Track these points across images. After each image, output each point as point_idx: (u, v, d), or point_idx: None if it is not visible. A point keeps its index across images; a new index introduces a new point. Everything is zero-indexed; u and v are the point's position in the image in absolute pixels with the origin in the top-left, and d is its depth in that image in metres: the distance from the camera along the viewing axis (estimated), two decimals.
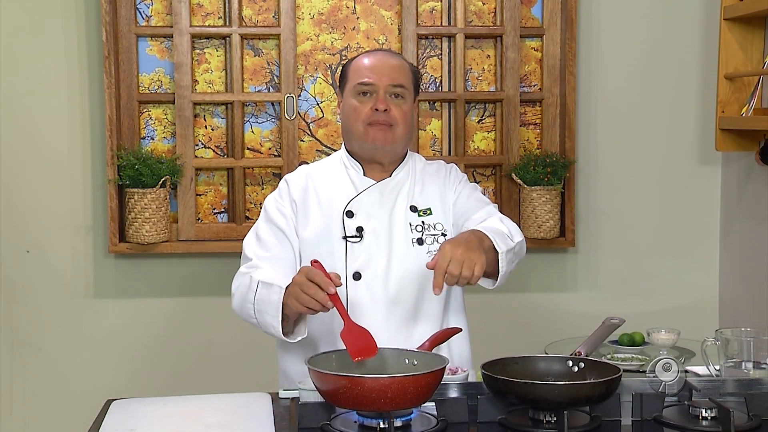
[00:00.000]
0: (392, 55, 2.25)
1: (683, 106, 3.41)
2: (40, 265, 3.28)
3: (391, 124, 2.16)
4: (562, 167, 3.26)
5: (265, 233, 2.21)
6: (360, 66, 2.20)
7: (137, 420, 1.85)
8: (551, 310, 3.42)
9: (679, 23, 3.38)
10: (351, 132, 2.20)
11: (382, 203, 2.20)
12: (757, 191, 3.18)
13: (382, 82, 2.16)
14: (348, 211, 2.19)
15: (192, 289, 3.33)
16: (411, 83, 2.22)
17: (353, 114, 2.18)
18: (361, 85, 2.17)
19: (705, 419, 1.79)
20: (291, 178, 2.27)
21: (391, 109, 2.16)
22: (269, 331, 2.06)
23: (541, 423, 1.77)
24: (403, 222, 2.19)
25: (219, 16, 3.28)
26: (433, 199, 2.24)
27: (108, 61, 3.15)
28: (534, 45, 3.38)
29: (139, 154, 3.17)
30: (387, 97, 2.17)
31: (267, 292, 2.04)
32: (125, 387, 3.20)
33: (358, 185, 2.22)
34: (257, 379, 2.87)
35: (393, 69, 2.19)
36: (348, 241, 2.17)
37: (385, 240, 2.17)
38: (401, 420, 1.76)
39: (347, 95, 2.21)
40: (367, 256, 2.16)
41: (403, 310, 2.16)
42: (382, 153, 2.20)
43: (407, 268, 2.16)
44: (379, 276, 2.16)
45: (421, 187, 2.24)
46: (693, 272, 3.46)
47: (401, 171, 2.25)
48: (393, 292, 2.16)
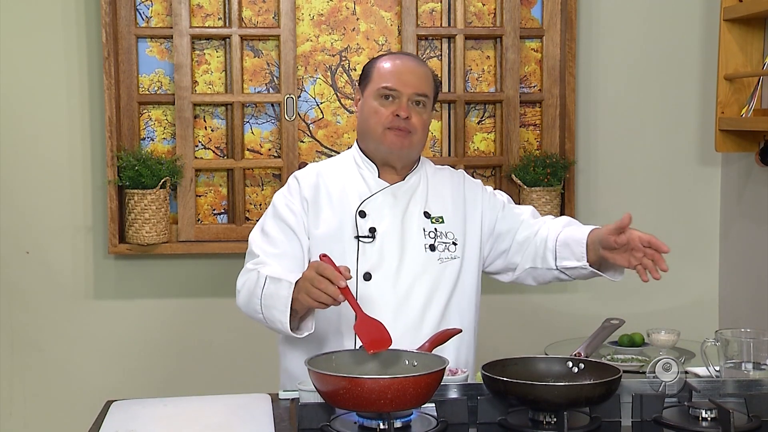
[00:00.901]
0: (417, 63, 2.26)
1: (683, 107, 3.41)
2: (40, 266, 3.28)
3: (410, 131, 2.17)
4: (562, 168, 3.27)
5: (272, 229, 2.20)
6: (385, 70, 2.20)
7: (137, 421, 1.84)
8: (551, 310, 3.42)
9: (679, 24, 3.38)
10: (369, 133, 2.21)
11: (396, 206, 2.21)
12: (757, 192, 3.18)
13: (407, 89, 2.17)
14: (361, 211, 2.19)
15: (192, 290, 3.33)
16: (432, 92, 2.24)
17: (374, 116, 2.19)
18: (385, 89, 2.18)
19: (705, 420, 1.79)
20: (301, 175, 2.26)
21: (411, 117, 2.17)
22: (276, 326, 2.04)
23: (541, 424, 1.77)
24: (417, 226, 2.20)
25: (219, 17, 3.28)
26: (445, 207, 2.26)
27: (108, 62, 3.15)
28: (534, 46, 3.38)
29: (139, 155, 3.17)
30: (409, 104, 2.18)
31: (275, 287, 2.02)
32: (125, 388, 3.20)
33: (372, 186, 2.22)
34: (257, 379, 2.87)
35: (418, 77, 2.20)
36: (360, 241, 2.17)
37: (397, 242, 2.18)
38: (401, 421, 1.76)
39: (368, 96, 2.21)
40: (379, 257, 2.17)
41: (411, 313, 2.16)
42: (396, 157, 2.21)
43: (418, 273, 2.17)
44: (389, 277, 2.16)
45: (434, 193, 2.26)
46: (693, 273, 3.46)
47: (414, 175, 2.26)
48: (402, 294, 2.16)
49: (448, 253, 2.20)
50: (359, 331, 1.90)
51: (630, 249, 2.07)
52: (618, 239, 2.07)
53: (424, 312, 2.17)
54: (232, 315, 3.34)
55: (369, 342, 1.87)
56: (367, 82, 2.23)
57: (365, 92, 2.23)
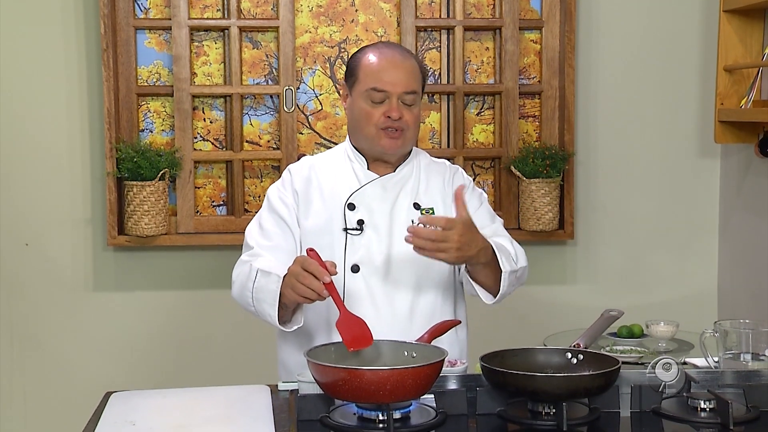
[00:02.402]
0: (403, 56, 2.19)
1: (682, 99, 3.41)
2: (39, 259, 3.28)
3: (403, 129, 2.16)
4: (561, 160, 3.26)
5: (267, 222, 2.21)
6: (372, 68, 2.16)
7: (137, 412, 1.85)
8: (550, 302, 3.42)
9: (679, 15, 3.38)
10: (361, 134, 2.20)
11: (385, 198, 2.20)
12: (757, 183, 3.18)
13: (396, 89, 2.14)
14: (350, 204, 2.19)
15: (191, 281, 3.33)
16: (420, 85, 2.21)
17: (365, 118, 2.17)
18: (374, 91, 2.15)
19: (704, 411, 1.80)
20: (294, 168, 2.27)
21: (403, 115, 2.15)
22: (266, 319, 2.06)
23: (540, 415, 1.77)
24: (405, 218, 2.19)
25: (217, 9, 3.28)
26: (436, 199, 2.24)
27: (106, 53, 3.14)
28: (533, 37, 3.37)
29: (138, 147, 3.16)
30: (399, 103, 2.15)
31: (265, 280, 2.04)
32: (124, 380, 3.20)
33: (362, 178, 2.22)
34: (256, 371, 2.88)
35: (406, 73, 2.16)
36: (348, 233, 2.17)
37: (385, 234, 2.18)
38: (400, 412, 1.77)
39: (357, 96, 2.18)
40: (367, 250, 2.17)
41: (399, 305, 2.16)
42: (390, 155, 2.21)
43: (406, 265, 2.17)
44: (377, 270, 2.16)
45: (425, 185, 2.25)
46: (692, 264, 3.46)
47: (405, 167, 2.25)
48: (390, 286, 2.16)
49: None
50: (340, 328, 1.89)
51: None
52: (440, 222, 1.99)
53: (413, 304, 2.17)
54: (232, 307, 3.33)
55: (350, 339, 1.87)
56: (354, 80, 2.19)
57: (353, 91, 2.20)
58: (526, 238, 3.32)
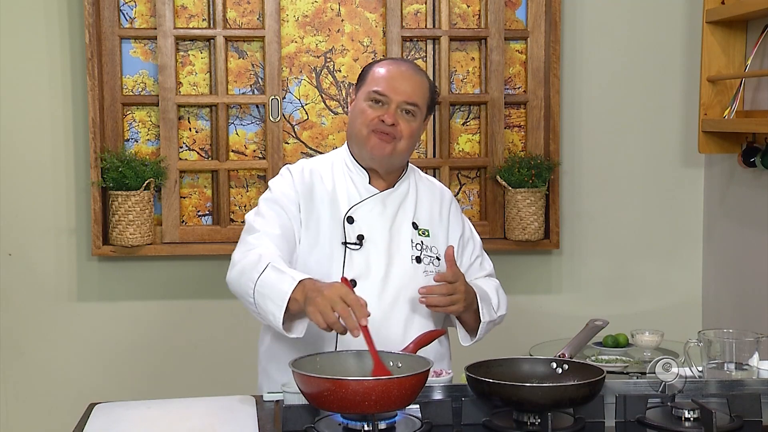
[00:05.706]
0: (414, 71, 2.20)
1: (666, 109, 3.43)
2: (23, 269, 3.26)
3: (395, 137, 2.15)
4: (547, 169, 3.27)
5: (270, 212, 2.16)
6: (380, 74, 2.17)
7: (120, 424, 1.84)
8: (535, 312, 3.43)
9: (662, 26, 3.40)
10: (354, 134, 2.19)
11: (384, 214, 2.20)
12: (740, 193, 3.20)
13: (396, 96, 2.14)
14: (349, 217, 2.18)
15: (176, 291, 3.32)
16: (425, 103, 2.20)
17: (360, 116, 2.17)
18: (375, 93, 2.15)
19: (688, 420, 1.80)
20: (294, 169, 2.23)
21: (398, 124, 2.15)
22: (266, 318, 1.96)
23: (525, 425, 1.77)
24: (405, 237, 2.20)
25: (203, 18, 3.28)
26: (432, 222, 2.25)
27: (91, 63, 3.13)
28: (518, 47, 3.38)
29: (123, 157, 3.15)
30: (397, 112, 2.15)
31: (277, 277, 1.95)
32: (109, 390, 3.19)
33: (362, 192, 2.21)
34: (241, 382, 2.86)
35: (411, 86, 2.16)
36: (347, 247, 2.16)
37: (384, 251, 2.17)
38: (385, 422, 1.76)
39: (360, 97, 2.19)
40: (366, 265, 2.15)
41: (394, 323, 2.15)
42: (378, 162, 2.19)
43: (404, 283, 2.16)
44: (375, 286, 2.14)
45: (422, 205, 2.25)
46: (676, 274, 3.47)
47: (404, 183, 2.25)
48: (387, 303, 2.15)
49: (432, 267, 2.20)
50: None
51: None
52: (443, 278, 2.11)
53: (407, 324, 2.16)
54: (217, 317, 3.35)
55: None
56: (361, 85, 2.21)
57: (358, 94, 2.21)
58: (511, 247, 3.33)
